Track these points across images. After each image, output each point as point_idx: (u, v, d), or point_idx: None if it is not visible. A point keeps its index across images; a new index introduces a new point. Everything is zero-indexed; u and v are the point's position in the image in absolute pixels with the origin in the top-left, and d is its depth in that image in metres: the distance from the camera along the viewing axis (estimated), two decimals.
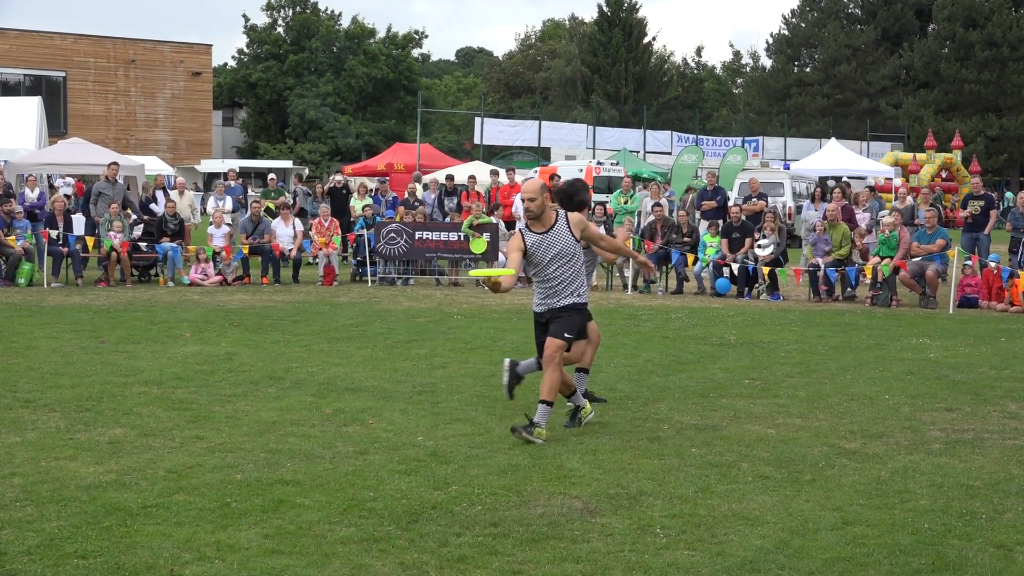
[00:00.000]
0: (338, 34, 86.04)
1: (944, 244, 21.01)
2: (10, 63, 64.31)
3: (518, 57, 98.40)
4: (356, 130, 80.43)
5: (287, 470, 8.50)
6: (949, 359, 14.50)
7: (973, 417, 10.87)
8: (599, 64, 79.70)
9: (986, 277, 20.90)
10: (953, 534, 7.22)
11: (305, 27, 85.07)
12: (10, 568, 6.36)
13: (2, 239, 22.41)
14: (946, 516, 7.58)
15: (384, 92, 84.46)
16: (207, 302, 20.07)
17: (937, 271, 20.62)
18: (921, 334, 16.89)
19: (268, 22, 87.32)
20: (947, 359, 14.50)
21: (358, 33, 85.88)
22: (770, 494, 8.06)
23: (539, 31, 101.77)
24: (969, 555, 6.82)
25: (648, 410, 10.99)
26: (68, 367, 12.96)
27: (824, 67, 79.24)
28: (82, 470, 8.44)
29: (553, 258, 9.98)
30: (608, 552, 6.79)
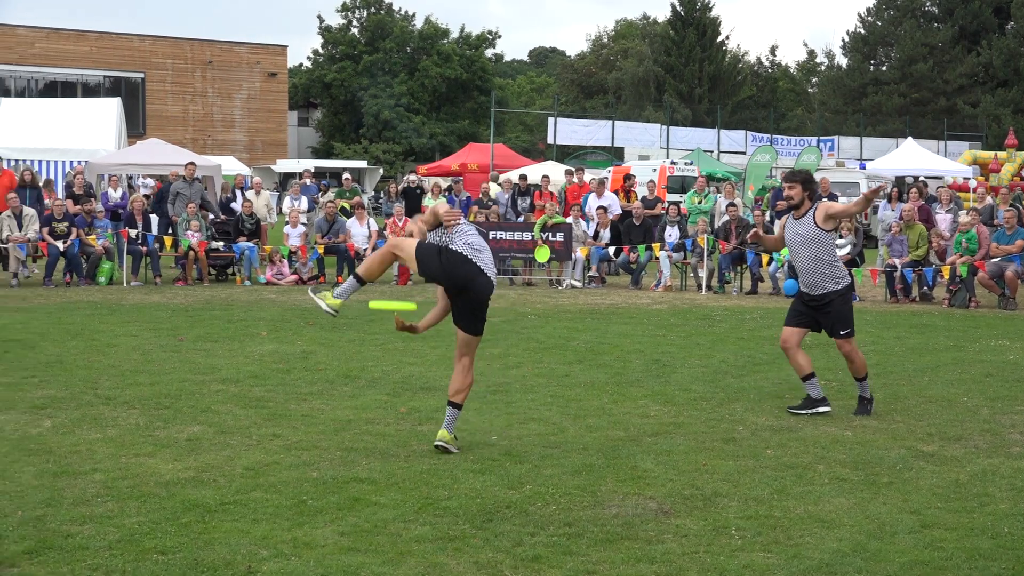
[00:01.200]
0: (412, 34, 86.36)
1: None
2: (90, 65, 65.16)
3: (590, 57, 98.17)
4: (430, 130, 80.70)
5: (362, 468, 8.54)
6: None
7: None
8: (672, 63, 79.31)
9: None
10: None
11: (379, 28, 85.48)
12: (92, 562, 6.44)
13: (83, 238, 22.71)
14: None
15: (458, 92, 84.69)
16: (283, 301, 20.21)
17: (1017, 272, 20.32)
18: (1000, 335, 16.67)
19: (343, 23, 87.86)
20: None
21: (432, 33, 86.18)
22: (847, 496, 7.99)
23: (612, 31, 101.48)
24: None
25: (723, 411, 10.94)
26: (147, 365, 13.11)
27: (900, 65, 78.32)
28: (161, 467, 8.53)
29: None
30: (683, 553, 6.76)
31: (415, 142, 79.04)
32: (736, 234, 23.23)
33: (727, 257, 23.11)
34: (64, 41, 65.14)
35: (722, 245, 23.20)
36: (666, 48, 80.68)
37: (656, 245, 23.76)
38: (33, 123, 29.58)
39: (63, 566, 6.39)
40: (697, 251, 23.34)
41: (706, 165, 44.60)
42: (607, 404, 11.06)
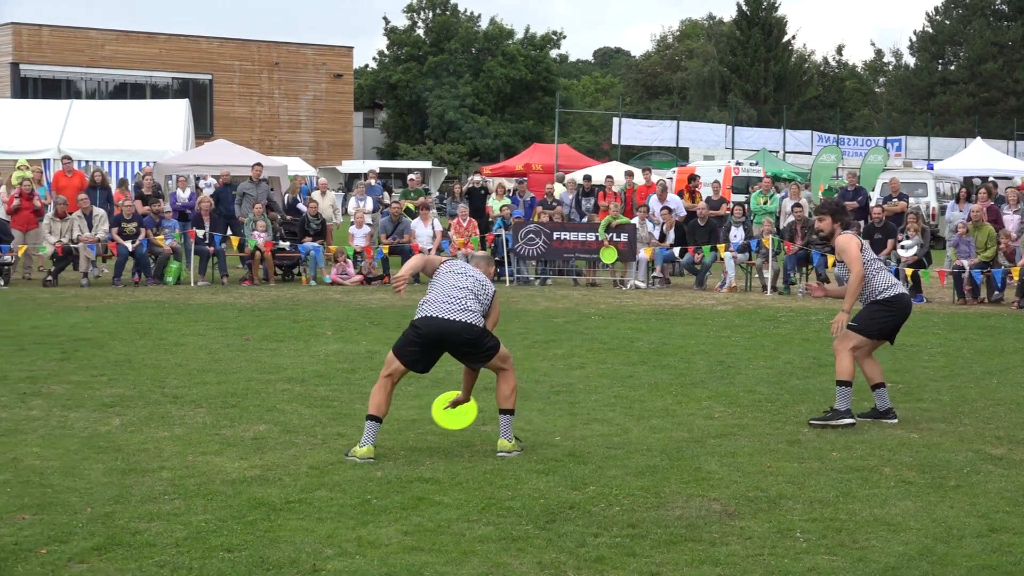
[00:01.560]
0: (477, 35, 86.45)
1: None
2: (159, 67, 65.77)
3: (655, 57, 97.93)
4: (494, 131, 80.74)
5: (426, 468, 8.57)
6: None
7: None
8: (738, 63, 78.97)
9: None
10: None
11: (444, 29, 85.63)
12: (159, 559, 6.51)
13: (152, 238, 22.92)
14: None
15: (522, 93, 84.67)
16: (348, 301, 20.31)
17: None
18: None
19: (408, 24, 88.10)
20: None
21: (497, 34, 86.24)
22: (913, 499, 7.92)
23: (677, 31, 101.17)
24: None
25: (788, 413, 10.87)
26: (214, 364, 13.22)
27: (969, 65, 77.54)
28: (227, 465, 8.60)
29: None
30: (747, 555, 6.73)
31: (479, 143, 79.12)
32: (801, 235, 23.09)
33: (792, 258, 22.99)
34: (133, 43, 65.81)
35: (787, 246, 23.09)
36: (731, 48, 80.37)
37: (721, 246, 23.64)
38: (103, 125, 29.85)
39: (131, 563, 6.46)
40: (762, 252, 23.21)
41: (771, 165, 44.38)
42: (671, 405, 11.03)
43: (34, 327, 16.11)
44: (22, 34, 63.02)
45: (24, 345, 14.38)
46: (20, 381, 11.91)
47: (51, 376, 12.26)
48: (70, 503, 7.57)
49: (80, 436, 9.50)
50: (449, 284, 9.12)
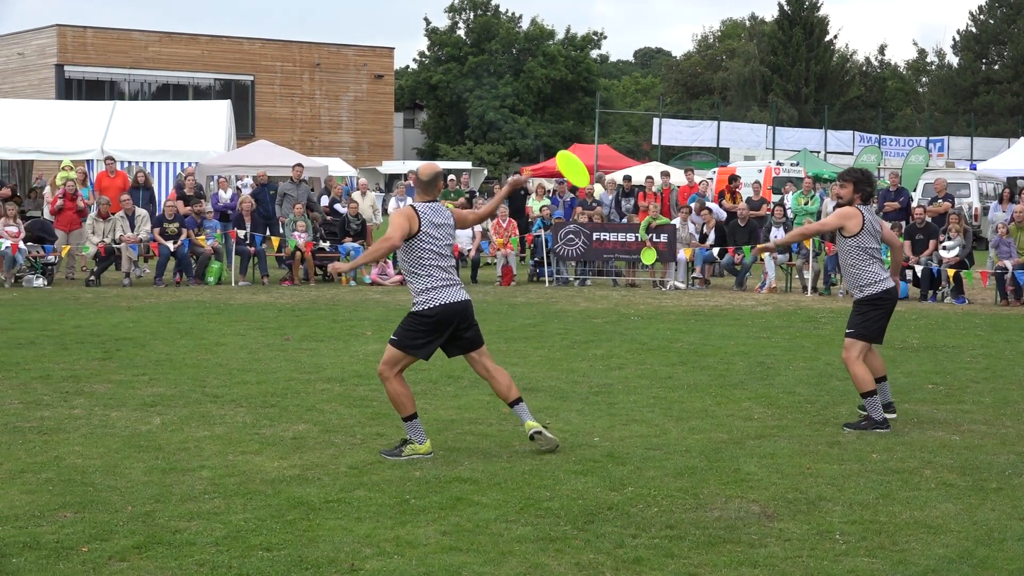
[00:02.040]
0: (518, 36, 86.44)
1: None
2: (201, 68, 66.13)
3: (696, 57, 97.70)
4: (534, 131, 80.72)
5: (464, 468, 8.57)
6: None
7: None
8: (779, 63, 78.64)
9: None
10: None
11: (485, 29, 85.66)
12: (199, 558, 6.54)
13: (193, 239, 23.06)
14: None
15: (562, 93, 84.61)
16: (388, 301, 20.35)
17: None
18: None
19: (449, 24, 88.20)
20: None
21: (537, 35, 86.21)
22: (954, 502, 7.86)
23: (718, 31, 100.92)
24: None
25: (827, 414, 10.82)
26: (254, 364, 13.28)
27: (1014, 64, 76.92)
28: (267, 464, 8.64)
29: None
30: (786, 557, 6.70)
31: (520, 143, 79.13)
32: None
33: (833, 258, 22.82)
34: (176, 45, 66.19)
35: (828, 246, 22.97)
36: (773, 48, 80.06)
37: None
38: (146, 126, 30.03)
39: (171, 561, 6.50)
40: (803, 252, 23.13)
41: (813, 166, 44.17)
42: (710, 406, 10.99)
43: (77, 326, 16.23)
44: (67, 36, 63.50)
45: (67, 344, 14.50)
46: (63, 380, 12.01)
47: (93, 375, 12.35)
48: (111, 501, 7.62)
49: (121, 435, 9.56)
50: (442, 262, 9.12)
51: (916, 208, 24.10)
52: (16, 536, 6.89)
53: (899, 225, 22.96)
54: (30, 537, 6.87)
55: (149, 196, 25.35)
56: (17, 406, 10.72)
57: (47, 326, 16.23)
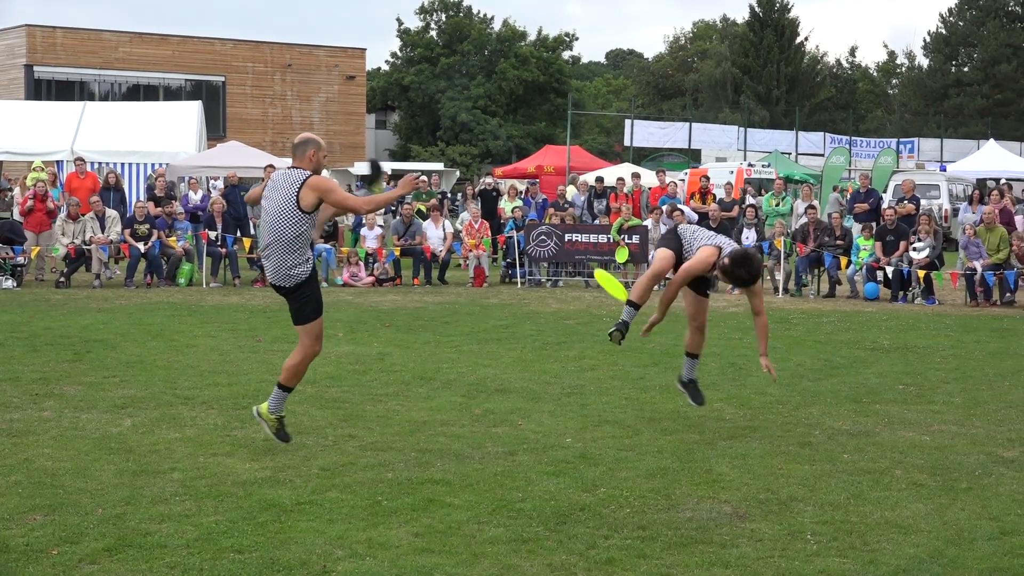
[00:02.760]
0: (490, 37, 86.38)
1: None
2: (172, 68, 65.83)
3: (667, 59, 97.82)
4: (506, 132, 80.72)
5: (437, 469, 8.57)
6: None
7: None
8: (750, 65, 78.80)
9: None
10: None
11: (457, 30, 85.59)
12: (170, 560, 6.52)
13: (164, 240, 22.98)
14: None
15: (534, 95, 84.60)
16: (360, 303, 20.33)
17: None
18: None
19: (421, 26, 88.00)
20: None
21: (509, 36, 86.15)
22: (924, 502, 7.90)
23: (689, 32, 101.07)
24: None
25: (799, 415, 10.86)
26: (225, 365, 13.24)
27: (983, 66, 77.31)
28: (238, 466, 8.61)
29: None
30: (757, 558, 6.72)
31: (492, 144, 79.09)
32: (814, 237, 23.08)
33: (804, 260, 22.98)
34: (147, 45, 65.90)
35: (799, 247, 23.07)
36: (744, 49, 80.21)
37: None
38: (116, 126, 29.98)
39: (142, 564, 6.47)
40: (774, 253, 23.20)
41: (784, 167, 44.28)
42: (682, 407, 11.01)
43: (46, 328, 16.16)
44: (36, 36, 63.15)
45: (36, 346, 14.43)
46: (32, 382, 11.95)
47: (63, 377, 12.29)
48: (81, 504, 7.58)
49: (92, 437, 9.52)
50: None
51: (886, 209, 24.19)
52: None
53: (870, 226, 23.08)
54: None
55: (120, 197, 25.27)
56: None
57: (16, 328, 16.15)
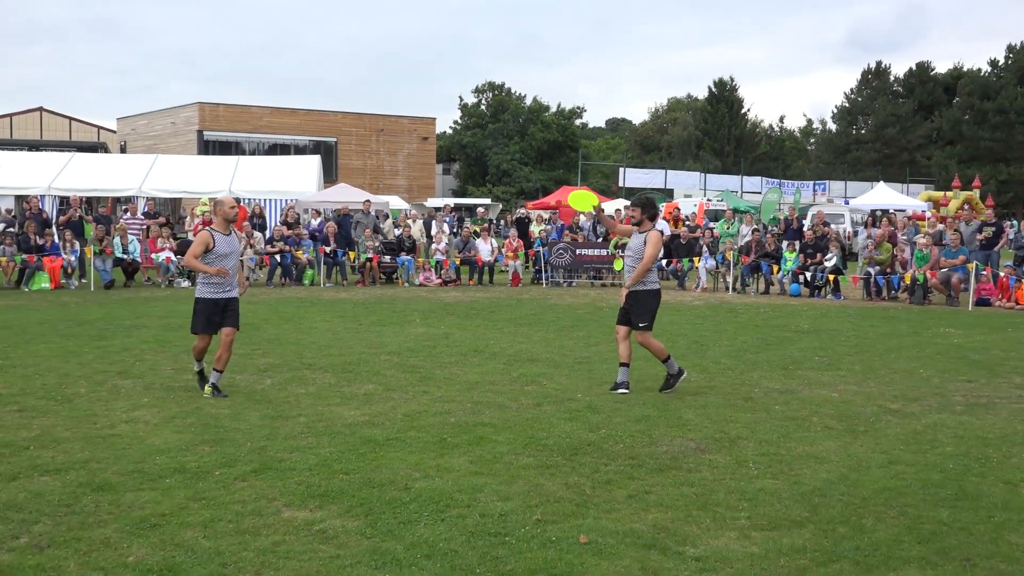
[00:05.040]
0: (523, 109, 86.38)
1: (965, 259, 20.22)
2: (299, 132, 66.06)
3: (649, 124, 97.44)
4: (535, 176, 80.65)
5: (485, 416, 8.55)
6: (969, 344, 13.92)
7: (987, 387, 10.43)
8: (708, 129, 78.41)
9: (1000, 283, 20.04)
10: (971, 473, 6.93)
11: (500, 104, 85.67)
12: (298, 480, 6.53)
13: (294, 253, 23.06)
14: (966, 460, 7.29)
15: (555, 150, 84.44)
16: (431, 297, 20.34)
17: (960, 279, 19.85)
18: (947, 325, 16.25)
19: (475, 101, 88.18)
20: (967, 344, 13.92)
21: (537, 108, 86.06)
22: (834, 441, 7.83)
23: (665, 105, 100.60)
24: (983, 488, 6.55)
25: (743, 378, 10.79)
26: (336, 341, 13.27)
27: (875, 129, 76.89)
28: (345, 413, 8.62)
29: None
30: (714, 479, 6.68)
31: (525, 185, 79.04)
32: (754, 250, 22.93)
33: (747, 267, 22.85)
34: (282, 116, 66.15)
35: (744, 258, 22.94)
36: (704, 118, 79.96)
37: (696, 258, 23.54)
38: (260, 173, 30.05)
39: (278, 482, 6.50)
40: (726, 263, 23.08)
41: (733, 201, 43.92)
42: (660, 372, 10.93)
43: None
44: (205, 110, 63.50)
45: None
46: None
47: None
48: (235, 439, 7.62)
49: (243, 392, 9.56)
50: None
51: (806, 231, 24.00)
52: (169, 463, 6.89)
53: (794, 243, 22.91)
54: (178, 464, 6.87)
55: (262, 223, 25.35)
56: (170, 372, 10.73)
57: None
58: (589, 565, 5.09)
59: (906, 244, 23.07)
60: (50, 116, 69.49)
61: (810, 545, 5.44)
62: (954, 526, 5.80)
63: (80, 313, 16.32)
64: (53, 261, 21.49)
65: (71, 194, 25.46)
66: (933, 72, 78.63)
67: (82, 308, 17.15)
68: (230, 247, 9.54)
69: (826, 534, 5.63)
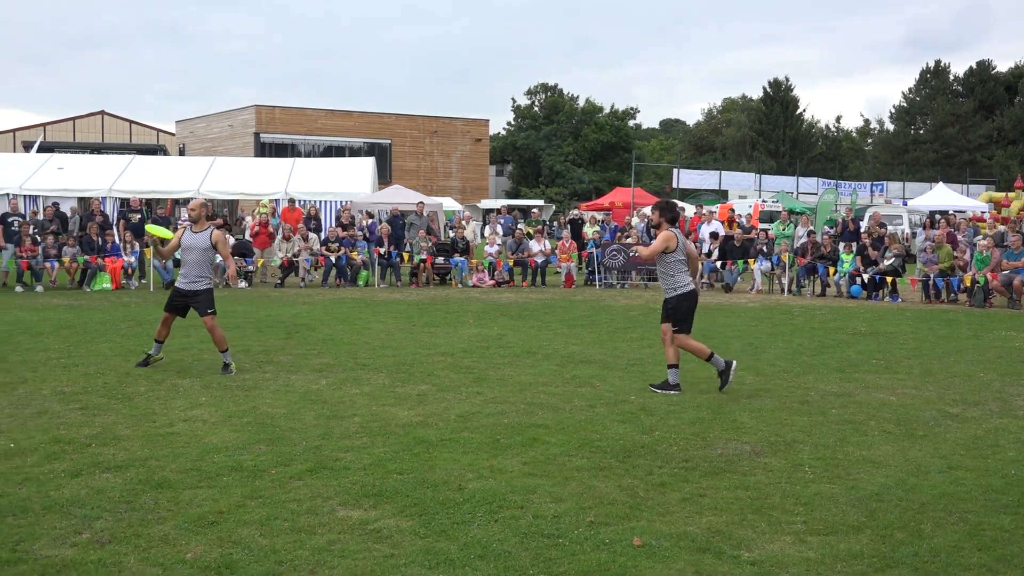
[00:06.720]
0: (576, 110, 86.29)
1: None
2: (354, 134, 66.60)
3: (704, 125, 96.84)
4: (588, 178, 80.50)
5: (539, 417, 8.55)
6: None
7: None
8: (763, 129, 77.72)
9: None
10: None
11: (553, 106, 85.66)
12: (352, 479, 6.57)
13: (348, 254, 23.23)
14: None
15: (608, 151, 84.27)
16: (484, 299, 20.38)
17: (1022, 281, 19.45)
18: (1008, 328, 15.94)
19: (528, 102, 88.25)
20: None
21: (590, 109, 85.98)
22: (892, 445, 7.72)
23: (720, 106, 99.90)
24: None
25: (799, 381, 10.68)
26: (390, 342, 13.34)
27: (934, 129, 75.65)
28: (399, 414, 8.66)
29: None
30: (769, 483, 6.61)
31: (578, 187, 78.95)
32: (810, 252, 22.68)
33: (803, 269, 22.60)
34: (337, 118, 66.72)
35: (799, 260, 22.70)
36: (759, 118, 79.23)
37: (751, 260, 23.35)
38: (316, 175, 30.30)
39: (333, 481, 6.54)
40: (781, 264, 22.86)
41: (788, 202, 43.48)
42: (715, 375, 10.87)
43: (268, 315, 16.43)
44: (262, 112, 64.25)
45: (261, 328, 14.68)
46: (258, 353, 12.16)
47: (279, 349, 12.48)
48: (291, 438, 7.69)
49: (298, 392, 9.65)
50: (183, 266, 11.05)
51: (863, 233, 23.68)
52: (226, 461, 6.98)
53: (851, 244, 22.62)
54: (235, 462, 6.95)
55: (318, 224, 25.57)
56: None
57: (247, 315, 16.45)
58: (643, 568, 5.06)
59: (967, 246, 22.68)
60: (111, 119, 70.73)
61: (867, 551, 5.36)
62: (1016, 533, 5.68)
63: (140, 313, 16.60)
64: (114, 262, 21.89)
65: (132, 196, 25.90)
66: (994, 71, 77.16)
67: (142, 308, 17.44)
68: (192, 242, 10.96)
69: (884, 540, 5.54)
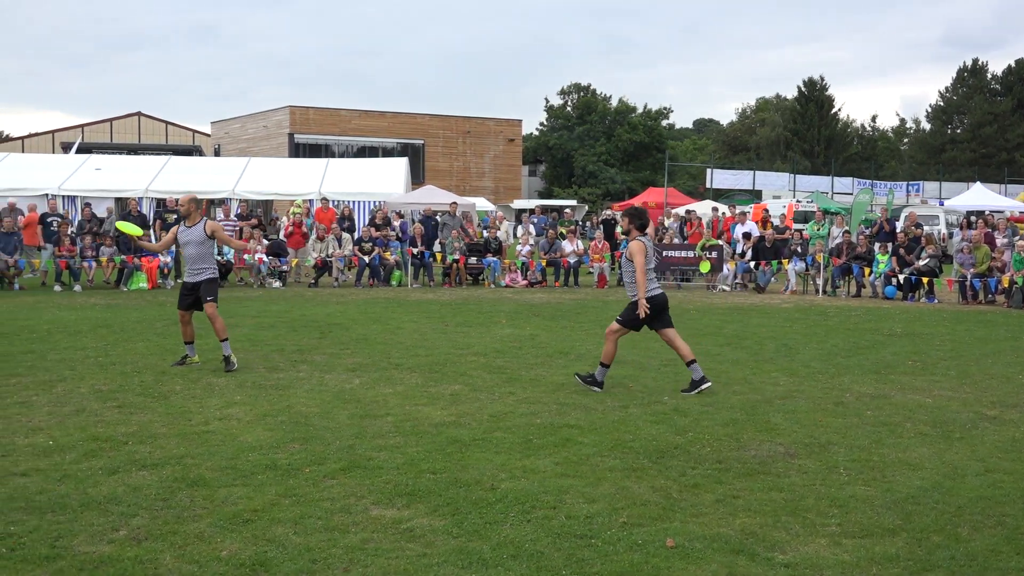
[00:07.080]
0: (610, 110, 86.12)
1: None
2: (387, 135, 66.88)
3: (737, 125, 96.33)
4: (621, 178, 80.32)
5: (571, 417, 8.54)
6: None
7: None
8: (798, 129, 77.27)
9: None
10: None
11: (587, 106, 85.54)
12: (386, 479, 6.60)
13: (382, 254, 23.31)
14: None
15: (641, 151, 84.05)
16: (517, 299, 20.38)
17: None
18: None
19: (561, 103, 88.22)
20: None
21: (623, 109, 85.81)
22: (928, 447, 7.64)
23: (753, 105, 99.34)
24: None
25: (834, 382, 10.59)
26: (423, 342, 13.37)
27: (971, 129, 74.81)
28: (432, 413, 8.68)
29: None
30: (803, 485, 6.57)
31: (611, 187, 78.81)
32: (845, 252, 22.51)
33: (838, 269, 22.43)
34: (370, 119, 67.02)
35: (834, 260, 22.54)
36: (793, 118, 78.80)
37: (785, 260, 23.20)
38: (349, 175, 30.46)
39: (366, 480, 6.57)
40: (816, 265, 22.70)
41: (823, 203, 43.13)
42: (748, 375, 10.82)
43: (302, 315, 16.52)
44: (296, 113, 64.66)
45: (295, 327, 14.76)
46: (292, 352, 12.22)
47: (313, 349, 12.55)
48: (324, 437, 7.73)
49: (332, 391, 9.70)
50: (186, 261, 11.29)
51: (899, 233, 23.46)
52: (260, 460, 7.02)
53: (887, 245, 22.42)
54: (270, 461, 7.00)
55: (351, 225, 25.68)
56: (261, 370, 10.93)
57: (281, 315, 16.54)
58: (676, 569, 5.04)
59: (1006, 247, 22.40)
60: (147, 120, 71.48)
61: (903, 554, 5.31)
62: None
63: (175, 313, 16.70)
64: (151, 262, 22.10)
65: (168, 196, 26.14)
66: None
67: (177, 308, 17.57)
68: (187, 237, 11.15)
69: (920, 543, 5.49)
